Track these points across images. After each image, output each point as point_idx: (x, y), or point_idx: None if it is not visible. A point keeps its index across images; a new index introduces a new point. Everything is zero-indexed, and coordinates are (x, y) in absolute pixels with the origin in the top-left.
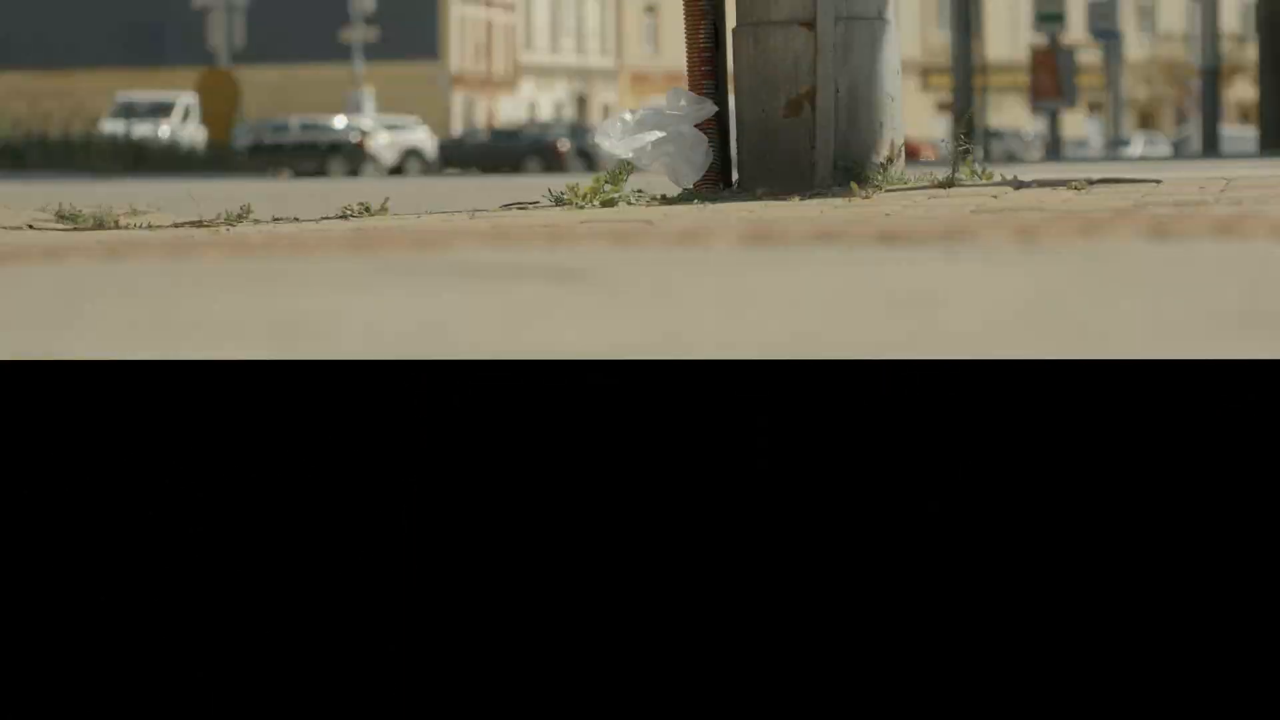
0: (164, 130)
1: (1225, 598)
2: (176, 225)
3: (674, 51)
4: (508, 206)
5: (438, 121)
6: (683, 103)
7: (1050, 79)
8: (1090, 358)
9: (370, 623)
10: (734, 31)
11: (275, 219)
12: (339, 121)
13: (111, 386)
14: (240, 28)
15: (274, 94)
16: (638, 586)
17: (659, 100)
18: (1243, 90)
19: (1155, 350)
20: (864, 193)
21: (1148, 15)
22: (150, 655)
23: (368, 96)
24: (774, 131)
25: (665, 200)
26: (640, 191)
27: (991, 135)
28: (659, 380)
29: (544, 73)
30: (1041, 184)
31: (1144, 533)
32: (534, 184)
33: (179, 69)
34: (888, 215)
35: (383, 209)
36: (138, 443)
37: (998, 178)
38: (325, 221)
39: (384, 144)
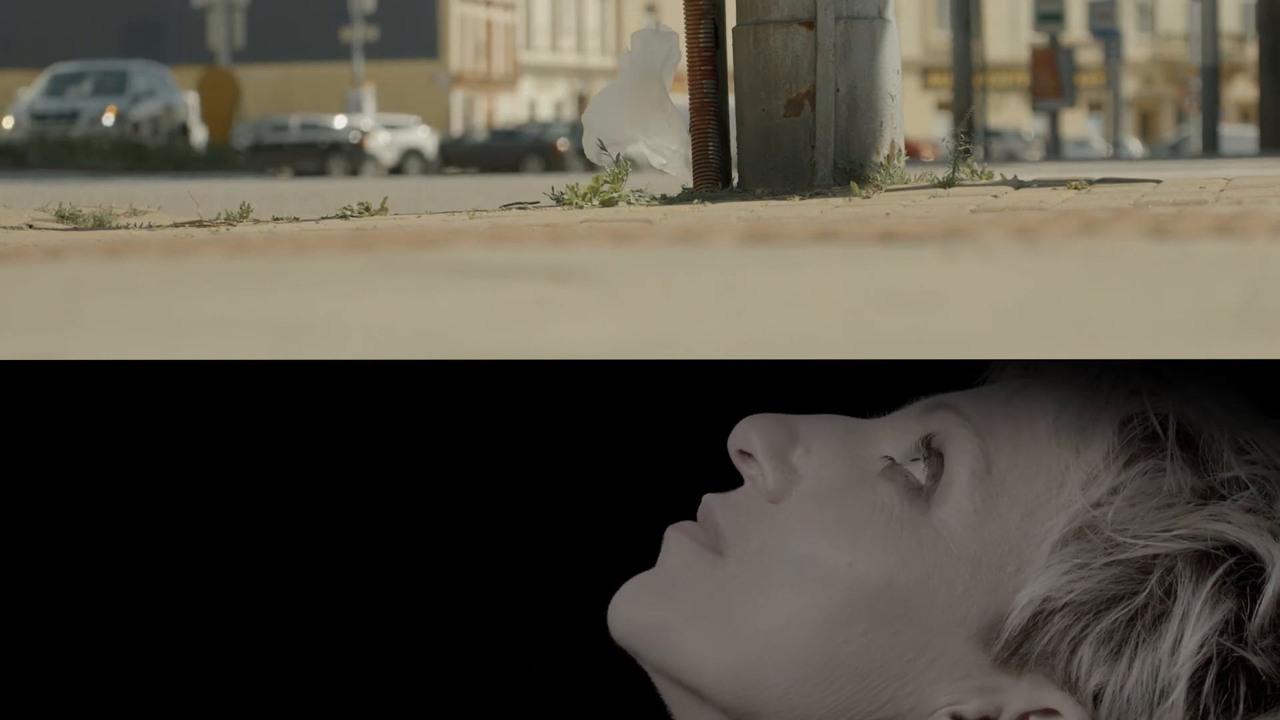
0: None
1: None
2: (176, 225)
3: None
4: (508, 206)
5: (438, 121)
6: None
7: (1050, 79)
8: (1090, 357)
9: (370, 622)
10: (734, 31)
11: (275, 219)
12: (339, 121)
13: (111, 386)
14: (240, 27)
15: (274, 94)
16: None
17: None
18: (1243, 90)
19: (1155, 350)
20: (864, 192)
21: (1148, 15)
22: (150, 654)
23: (368, 96)
24: (774, 131)
25: (665, 200)
26: (640, 191)
27: (991, 135)
28: (659, 380)
29: (544, 72)
30: (1041, 183)
31: None
32: (534, 184)
33: (179, 68)
34: (888, 214)
35: (383, 209)
36: (137, 442)
37: (998, 177)
38: (325, 221)
39: (384, 144)
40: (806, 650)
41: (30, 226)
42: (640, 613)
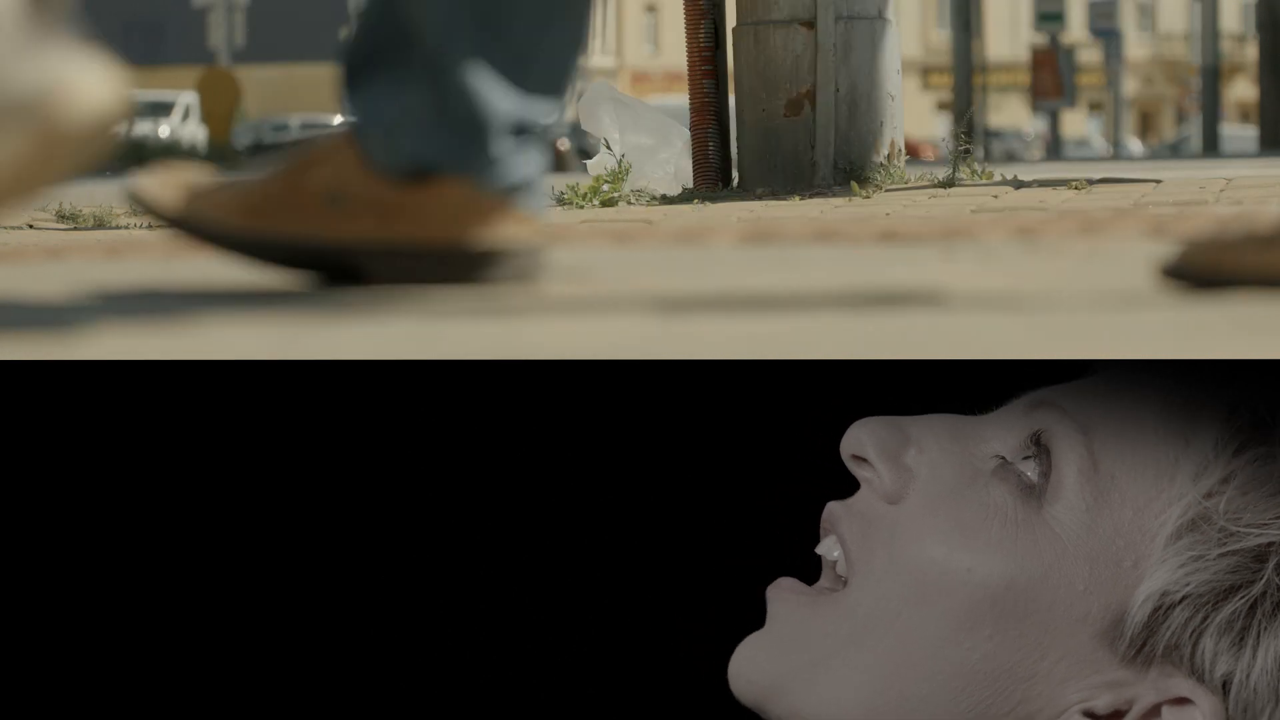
0: (164, 129)
1: None
2: None
3: (674, 51)
4: None
5: None
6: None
7: (1050, 79)
8: (1090, 357)
9: (371, 623)
10: (734, 31)
11: None
12: (339, 121)
13: (112, 386)
14: (240, 27)
15: (274, 93)
16: (637, 587)
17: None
18: (1243, 90)
19: (1155, 350)
20: (864, 192)
21: (1148, 14)
22: (151, 653)
23: None
24: (774, 131)
25: (665, 200)
26: (640, 191)
27: (991, 135)
28: (659, 380)
29: None
30: (1042, 184)
31: None
32: None
33: (179, 68)
34: (888, 215)
35: None
36: (138, 443)
37: (998, 177)
38: None
39: None
40: (936, 662)
41: (30, 226)
42: (759, 673)
